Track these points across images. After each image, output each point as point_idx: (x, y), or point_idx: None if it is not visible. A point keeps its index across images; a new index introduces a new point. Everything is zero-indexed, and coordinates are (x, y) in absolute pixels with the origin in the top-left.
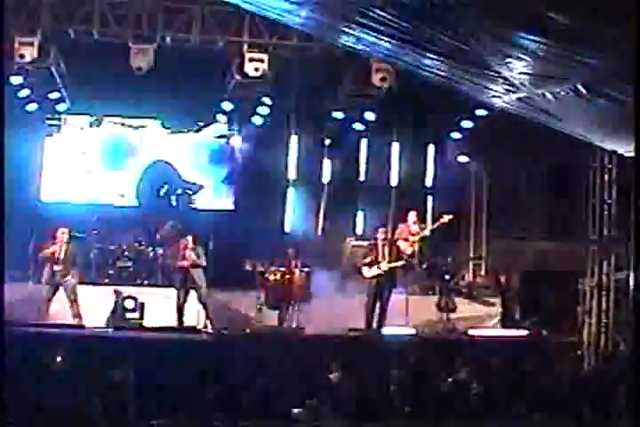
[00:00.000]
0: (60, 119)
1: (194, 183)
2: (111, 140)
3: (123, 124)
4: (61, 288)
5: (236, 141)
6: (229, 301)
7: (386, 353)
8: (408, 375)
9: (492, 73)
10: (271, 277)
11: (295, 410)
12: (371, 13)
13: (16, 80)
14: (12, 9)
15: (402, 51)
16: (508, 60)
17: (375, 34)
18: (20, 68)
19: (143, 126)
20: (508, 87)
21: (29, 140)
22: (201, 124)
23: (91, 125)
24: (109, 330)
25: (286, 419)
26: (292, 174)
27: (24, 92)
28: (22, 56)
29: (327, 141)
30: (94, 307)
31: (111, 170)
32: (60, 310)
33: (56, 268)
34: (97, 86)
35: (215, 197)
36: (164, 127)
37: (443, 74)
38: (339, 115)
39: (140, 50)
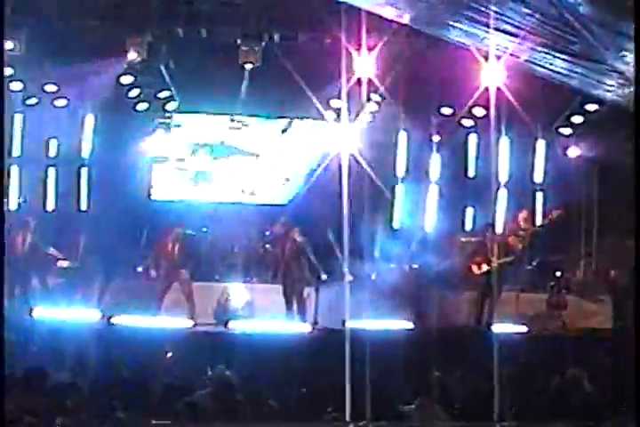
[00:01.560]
0: (170, 118)
1: None
2: (220, 139)
3: (232, 121)
4: (174, 285)
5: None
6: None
7: (495, 351)
8: (518, 373)
9: (606, 67)
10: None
11: (404, 408)
12: (481, 8)
13: (126, 80)
14: (122, 10)
15: (512, 45)
16: (624, 53)
17: (485, 28)
18: (129, 67)
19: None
20: (622, 81)
21: (140, 140)
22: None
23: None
24: (219, 326)
25: (396, 417)
26: (400, 171)
27: (134, 92)
28: (132, 56)
29: (436, 137)
30: (205, 303)
31: (221, 168)
32: (172, 307)
33: (169, 265)
34: (206, 85)
35: None
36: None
37: (554, 68)
38: (447, 111)
39: (248, 48)
